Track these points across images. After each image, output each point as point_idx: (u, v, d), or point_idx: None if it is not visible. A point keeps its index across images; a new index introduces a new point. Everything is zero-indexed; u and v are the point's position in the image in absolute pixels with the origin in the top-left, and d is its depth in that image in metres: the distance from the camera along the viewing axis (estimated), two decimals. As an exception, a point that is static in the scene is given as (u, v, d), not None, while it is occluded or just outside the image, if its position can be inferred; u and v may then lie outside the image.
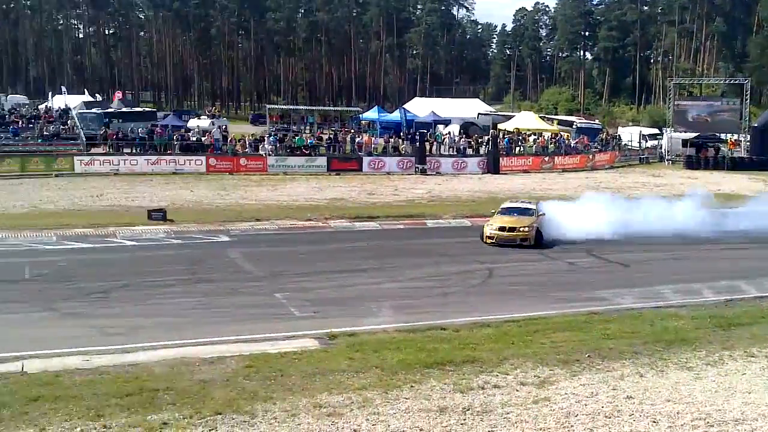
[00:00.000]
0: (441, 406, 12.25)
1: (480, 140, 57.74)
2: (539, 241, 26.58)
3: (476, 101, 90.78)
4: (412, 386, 13.07)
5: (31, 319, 17.34)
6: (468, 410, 12.14)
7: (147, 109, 77.95)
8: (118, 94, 77.20)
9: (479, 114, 75.28)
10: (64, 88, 73.65)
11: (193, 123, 64.56)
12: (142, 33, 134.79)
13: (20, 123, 50.57)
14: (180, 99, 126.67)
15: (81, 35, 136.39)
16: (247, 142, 51.47)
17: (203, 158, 47.02)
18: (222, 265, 23.22)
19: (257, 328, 16.63)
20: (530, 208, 28.04)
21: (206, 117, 71.81)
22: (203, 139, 51.77)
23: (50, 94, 75.61)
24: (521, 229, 26.53)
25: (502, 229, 26.65)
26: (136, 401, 12.12)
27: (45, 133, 49.04)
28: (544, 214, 27.79)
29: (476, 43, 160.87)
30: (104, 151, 49.03)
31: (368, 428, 11.46)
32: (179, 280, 21.34)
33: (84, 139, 49.77)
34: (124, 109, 65.80)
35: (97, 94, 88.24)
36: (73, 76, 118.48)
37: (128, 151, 49.62)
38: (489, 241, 26.65)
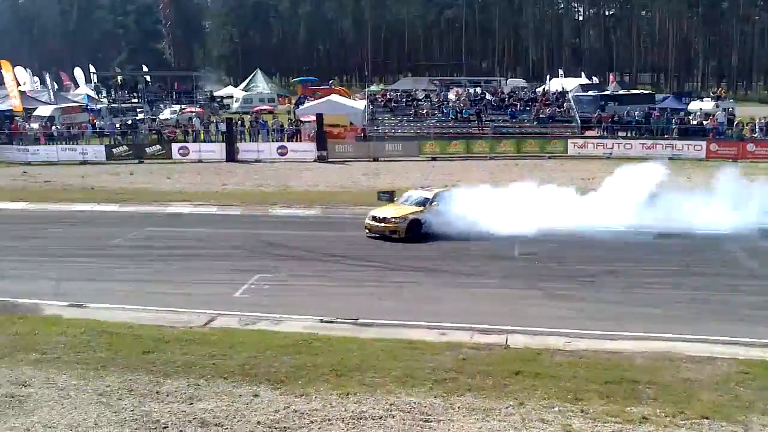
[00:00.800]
0: None
1: None
2: (414, 234, 24.46)
3: None
4: None
5: (518, 296, 18.54)
6: None
7: (644, 91, 77.33)
8: (614, 77, 78.09)
9: None
10: (561, 71, 76.86)
11: (694, 105, 62.39)
12: (644, 12, 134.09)
13: (518, 106, 53.97)
14: (681, 80, 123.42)
15: (580, 18, 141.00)
16: (756, 126, 48.17)
17: (703, 143, 45.16)
18: (718, 259, 22.10)
19: (743, 331, 15.55)
20: (425, 198, 25.78)
21: (710, 99, 68.86)
22: (705, 122, 49.74)
23: (548, 77, 79.56)
24: (392, 219, 24.66)
25: (375, 219, 25.03)
26: (616, 390, 12.19)
27: (541, 115, 51.74)
28: (437, 204, 25.06)
29: None
30: (598, 134, 50.17)
31: None
32: (670, 271, 20.89)
33: (579, 121, 51.47)
34: (620, 92, 66.34)
35: (593, 77, 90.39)
36: (571, 59, 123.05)
37: (623, 134, 50.12)
38: (366, 232, 25.00)
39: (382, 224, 24.90)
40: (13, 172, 44.01)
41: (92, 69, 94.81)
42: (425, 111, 53.53)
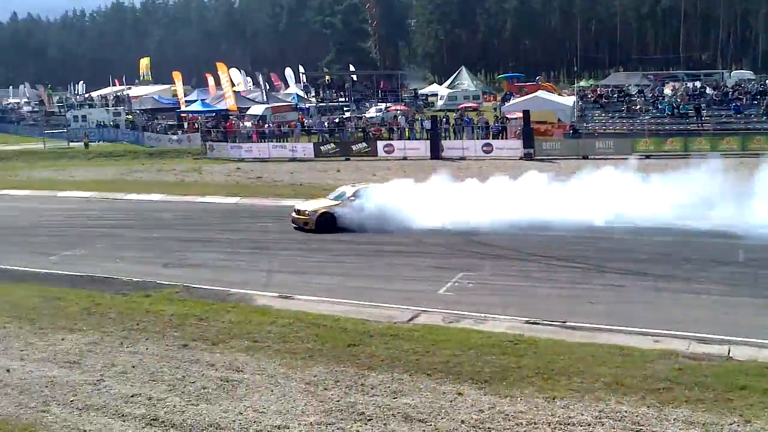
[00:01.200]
0: None
1: None
2: (328, 226, 26.51)
3: None
4: None
5: (740, 304, 17.45)
6: None
7: None
8: None
9: None
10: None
11: None
12: None
13: (744, 100, 50.97)
14: None
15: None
16: None
17: None
18: None
19: None
20: (344, 193, 27.83)
21: None
22: None
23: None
24: (305, 212, 27.20)
25: (295, 211, 27.68)
26: None
27: (772, 110, 48.71)
28: (354, 199, 26.98)
29: None
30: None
31: None
32: None
33: (817, 115, 47.88)
34: None
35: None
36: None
37: None
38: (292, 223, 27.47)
39: (299, 216, 27.40)
40: (227, 168, 46.94)
41: (301, 69, 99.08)
42: (639, 107, 51.80)
